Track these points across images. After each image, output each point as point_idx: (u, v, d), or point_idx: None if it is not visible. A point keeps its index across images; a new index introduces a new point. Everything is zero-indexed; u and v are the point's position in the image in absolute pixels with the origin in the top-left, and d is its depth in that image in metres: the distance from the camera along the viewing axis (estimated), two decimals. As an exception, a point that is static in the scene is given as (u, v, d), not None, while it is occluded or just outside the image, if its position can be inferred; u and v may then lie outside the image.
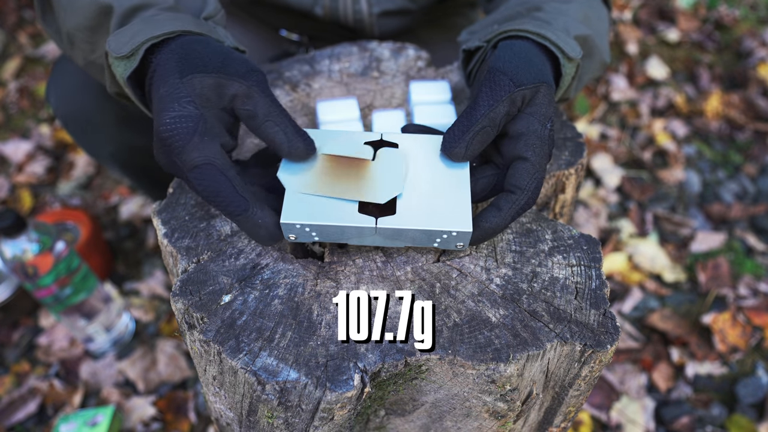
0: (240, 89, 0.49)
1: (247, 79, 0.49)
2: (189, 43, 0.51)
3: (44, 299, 1.00)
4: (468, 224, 0.47)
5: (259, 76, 0.51)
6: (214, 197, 0.47)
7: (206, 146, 0.47)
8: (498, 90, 0.49)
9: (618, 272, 1.29)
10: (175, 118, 0.47)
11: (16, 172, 1.56)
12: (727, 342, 1.14)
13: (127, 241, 1.37)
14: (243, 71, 0.50)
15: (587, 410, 1.06)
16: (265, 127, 0.49)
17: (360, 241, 0.49)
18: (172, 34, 0.52)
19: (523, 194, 0.48)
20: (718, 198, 1.46)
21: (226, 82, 0.49)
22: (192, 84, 0.48)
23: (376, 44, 0.74)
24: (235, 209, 0.47)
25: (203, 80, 0.48)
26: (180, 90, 0.48)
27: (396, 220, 0.47)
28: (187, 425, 1.04)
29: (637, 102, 1.72)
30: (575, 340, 0.45)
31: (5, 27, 2.03)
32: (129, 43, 0.51)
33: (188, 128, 0.47)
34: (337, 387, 0.42)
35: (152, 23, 0.52)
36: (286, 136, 0.49)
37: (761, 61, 1.77)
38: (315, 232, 0.48)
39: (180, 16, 0.54)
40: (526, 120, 0.50)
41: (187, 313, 0.48)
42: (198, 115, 0.47)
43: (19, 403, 1.07)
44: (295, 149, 0.49)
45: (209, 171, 0.47)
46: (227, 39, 0.56)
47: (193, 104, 0.47)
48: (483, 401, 0.47)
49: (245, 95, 0.49)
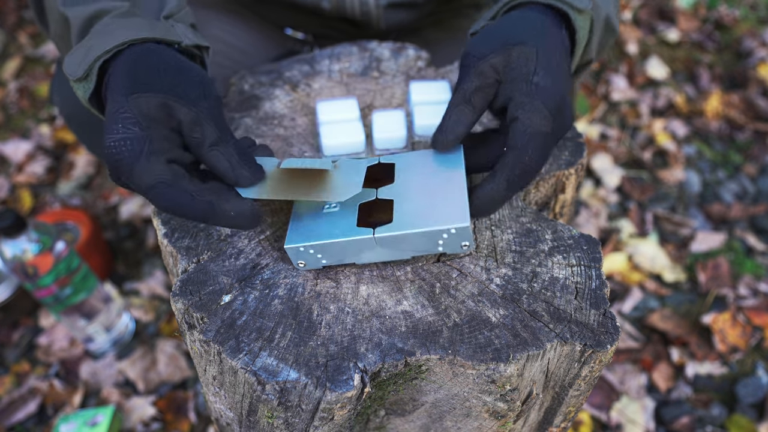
0: (188, 116, 0.48)
1: (197, 104, 0.48)
2: (140, 55, 0.49)
3: (44, 299, 1.00)
4: (466, 219, 0.46)
5: (210, 102, 0.49)
6: (178, 211, 0.46)
7: (153, 167, 0.46)
8: (464, 69, 0.51)
9: (618, 272, 1.29)
10: (119, 141, 0.45)
11: (16, 172, 1.56)
12: (727, 342, 1.14)
13: (127, 241, 1.37)
14: (194, 96, 0.48)
15: (587, 410, 1.06)
16: (210, 156, 0.48)
17: (367, 258, 0.49)
18: (123, 45, 0.50)
19: (515, 152, 0.47)
20: (718, 198, 1.46)
21: (173, 104, 0.47)
22: (137, 104, 0.46)
23: (376, 44, 0.74)
24: (203, 215, 0.46)
25: (149, 100, 0.47)
26: (125, 110, 0.46)
27: (393, 227, 0.47)
28: (187, 425, 1.04)
29: (637, 102, 1.72)
30: (575, 340, 0.45)
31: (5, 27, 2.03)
32: (82, 63, 0.50)
33: (133, 151, 0.45)
34: (337, 387, 0.42)
35: (103, 36, 0.50)
36: (230, 164, 0.48)
37: (761, 61, 1.77)
38: (320, 254, 0.48)
39: (133, 21, 0.52)
40: (509, 85, 0.49)
41: (187, 313, 0.48)
42: (142, 137, 0.46)
43: (19, 403, 1.07)
44: (240, 177, 0.48)
45: (163, 190, 0.46)
46: (186, 38, 0.54)
47: (138, 125, 0.46)
48: (483, 401, 0.47)
49: (193, 122, 0.48)
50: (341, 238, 0.47)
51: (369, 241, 0.47)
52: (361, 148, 0.61)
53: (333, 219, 0.49)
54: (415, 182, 0.51)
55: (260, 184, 0.49)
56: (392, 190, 0.51)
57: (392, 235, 0.47)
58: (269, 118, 0.65)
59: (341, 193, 0.48)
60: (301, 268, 0.50)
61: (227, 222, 0.47)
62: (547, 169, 0.58)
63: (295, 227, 0.49)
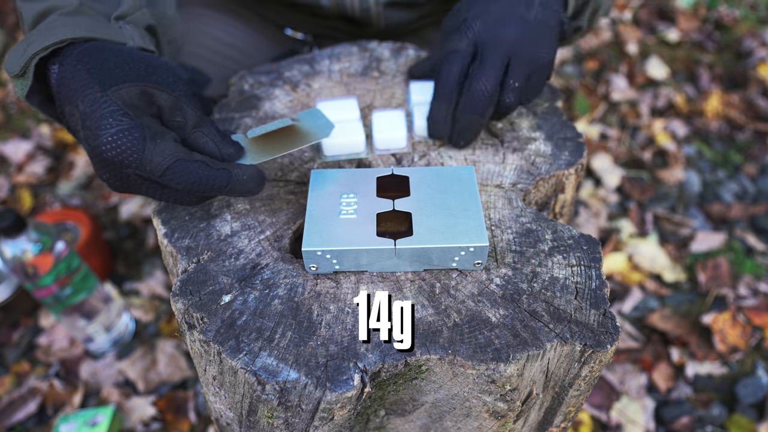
0: (168, 100, 0.48)
1: (175, 89, 0.49)
2: (97, 52, 0.49)
3: (44, 299, 1.00)
4: (484, 238, 0.48)
5: (185, 85, 0.50)
6: (198, 185, 0.47)
7: (164, 146, 0.46)
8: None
9: (618, 272, 1.29)
10: (116, 134, 0.45)
11: (16, 172, 1.56)
12: (727, 342, 1.14)
13: (127, 241, 1.37)
14: (170, 80, 0.49)
15: (587, 410, 1.06)
16: (195, 137, 0.49)
17: (380, 267, 0.50)
18: (61, 43, 0.49)
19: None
20: (718, 198, 1.46)
21: (153, 91, 0.48)
22: (119, 95, 0.46)
23: (376, 44, 0.74)
24: (222, 182, 0.48)
25: (130, 90, 0.47)
26: (107, 104, 0.46)
27: (414, 240, 0.48)
28: (187, 425, 1.04)
29: (637, 102, 1.72)
30: (575, 340, 0.45)
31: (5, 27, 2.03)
32: (20, 60, 0.49)
33: (136, 139, 0.45)
34: (337, 387, 0.42)
35: (44, 33, 0.50)
36: (215, 143, 0.50)
37: (761, 61, 1.77)
38: (335, 259, 0.49)
39: (77, 20, 0.51)
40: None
41: (187, 313, 0.48)
42: (138, 125, 0.46)
43: (19, 403, 1.07)
44: (227, 154, 0.50)
45: (181, 166, 0.46)
46: (132, 40, 0.54)
47: (127, 116, 0.46)
48: (483, 401, 0.47)
49: (173, 106, 0.48)
50: (362, 246, 0.48)
51: (389, 252, 0.48)
52: (361, 148, 0.61)
53: (351, 226, 0.50)
54: (432, 197, 0.52)
55: (244, 156, 0.52)
56: (409, 203, 0.52)
57: (413, 248, 0.48)
58: (269, 118, 0.65)
59: (320, 134, 0.53)
60: (312, 271, 0.50)
61: (241, 187, 0.49)
62: (547, 169, 0.58)
63: (312, 231, 0.50)
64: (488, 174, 0.58)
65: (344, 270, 0.50)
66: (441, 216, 0.50)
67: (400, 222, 0.55)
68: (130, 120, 0.46)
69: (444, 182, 0.54)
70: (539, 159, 0.60)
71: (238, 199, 0.56)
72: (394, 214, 0.53)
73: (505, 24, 0.58)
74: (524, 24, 0.58)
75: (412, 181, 0.54)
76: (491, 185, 0.57)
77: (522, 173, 0.58)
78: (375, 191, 0.53)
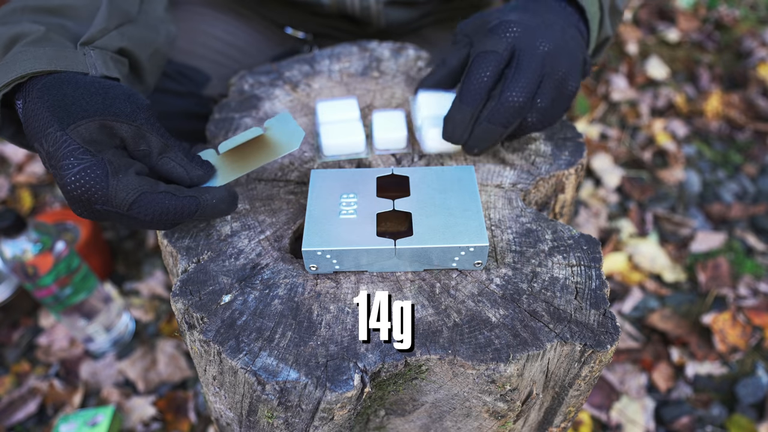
0: (129, 131, 0.48)
1: (135, 118, 0.48)
2: (56, 86, 0.49)
3: (44, 299, 1.00)
4: (484, 238, 0.48)
5: (146, 112, 0.49)
6: (165, 216, 0.47)
7: (127, 181, 0.46)
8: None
9: (618, 272, 1.29)
10: (79, 172, 0.45)
11: (16, 172, 1.56)
12: (727, 342, 1.14)
13: (127, 241, 1.37)
14: (129, 110, 0.48)
15: (587, 410, 1.06)
16: (161, 164, 0.49)
17: (380, 267, 0.50)
18: (23, 78, 0.49)
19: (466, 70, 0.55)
20: (718, 198, 1.46)
21: (112, 124, 0.47)
22: (78, 132, 0.46)
23: (377, 44, 0.74)
24: (190, 210, 0.47)
25: (89, 126, 0.46)
26: (67, 143, 0.45)
27: (414, 240, 0.48)
28: (187, 425, 1.04)
29: (637, 102, 1.72)
30: (575, 340, 0.45)
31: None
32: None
33: (98, 176, 0.45)
34: (337, 387, 0.42)
35: (7, 67, 0.50)
36: (183, 168, 0.50)
37: (761, 61, 1.77)
38: (335, 259, 0.49)
39: (40, 51, 0.51)
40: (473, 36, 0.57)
41: (187, 313, 0.48)
42: (100, 161, 0.45)
43: (19, 403, 1.07)
44: (196, 177, 0.50)
45: (146, 199, 0.46)
46: (93, 69, 0.53)
47: (88, 153, 0.46)
48: (483, 401, 0.47)
49: (135, 136, 0.48)
50: (362, 246, 0.48)
51: (389, 252, 0.48)
52: (361, 148, 0.61)
53: (351, 226, 0.50)
54: (432, 198, 0.52)
55: (214, 176, 0.52)
56: (409, 203, 0.52)
57: (413, 248, 0.48)
58: (269, 118, 0.65)
59: (290, 145, 0.52)
60: (312, 271, 0.50)
61: (211, 210, 0.49)
62: (547, 169, 0.58)
63: (312, 231, 0.50)
64: (488, 174, 0.58)
65: (344, 270, 0.50)
66: (441, 216, 0.50)
67: (400, 222, 0.55)
68: (91, 157, 0.45)
69: (444, 182, 0.54)
70: (539, 159, 0.60)
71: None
72: (394, 214, 0.53)
73: (545, 39, 0.54)
74: (561, 48, 0.55)
75: (412, 181, 0.54)
76: (491, 185, 0.57)
77: (522, 173, 0.58)
78: (375, 191, 0.53)
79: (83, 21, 0.56)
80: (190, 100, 0.80)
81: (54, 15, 0.56)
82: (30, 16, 0.55)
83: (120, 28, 0.58)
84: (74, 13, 0.57)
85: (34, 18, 0.55)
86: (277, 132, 0.54)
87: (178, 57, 0.80)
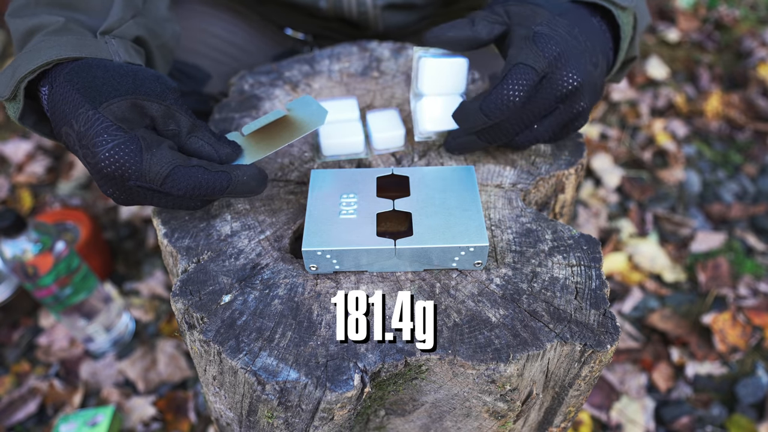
0: (159, 110, 0.49)
1: (165, 98, 0.49)
2: (85, 70, 0.49)
3: (44, 299, 1.00)
4: (484, 238, 0.48)
5: (175, 93, 0.50)
6: (198, 190, 0.47)
7: (161, 155, 0.46)
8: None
9: (618, 272, 1.29)
10: (113, 148, 0.46)
11: (16, 172, 1.56)
12: (727, 342, 1.14)
13: (127, 241, 1.37)
14: (159, 90, 0.49)
15: (587, 410, 1.06)
16: (191, 143, 0.50)
17: (380, 267, 0.50)
18: (48, 65, 0.50)
19: (495, 80, 0.52)
20: (718, 198, 1.46)
21: (143, 103, 0.48)
22: (111, 111, 0.47)
23: (376, 44, 0.74)
24: (222, 185, 0.48)
25: (120, 105, 0.47)
26: (100, 120, 0.46)
27: (414, 240, 0.48)
28: (187, 425, 1.04)
29: (637, 102, 1.72)
30: (575, 340, 0.45)
31: (5, 27, 2.03)
32: (9, 83, 0.50)
33: (132, 151, 0.46)
34: (337, 387, 0.42)
35: (31, 55, 0.50)
36: (212, 146, 0.50)
37: (761, 61, 1.77)
38: (335, 259, 0.49)
39: (63, 39, 0.52)
40: (513, 29, 0.53)
41: (187, 313, 0.48)
42: (133, 137, 0.46)
43: (19, 403, 1.07)
44: (224, 155, 0.51)
45: (180, 172, 0.47)
46: (117, 56, 0.54)
47: (121, 130, 0.46)
48: (483, 401, 0.47)
49: (165, 115, 0.49)
50: (362, 246, 0.48)
51: (389, 252, 0.48)
52: (360, 148, 0.61)
53: (351, 226, 0.50)
54: (432, 198, 0.52)
55: (242, 155, 0.53)
56: (409, 203, 0.52)
57: (413, 248, 0.48)
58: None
59: (314, 123, 0.53)
60: (312, 271, 0.50)
61: (242, 187, 0.49)
62: (547, 169, 0.58)
63: (311, 231, 0.50)
64: (488, 174, 0.58)
65: (344, 270, 0.50)
66: (441, 216, 0.50)
67: (400, 222, 0.55)
68: (124, 134, 0.46)
69: (444, 182, 0.54)
70: (539, 159, 0.60)
71: (238, 200, 0.56)
72: (394, 214, 0.53)
73: (576, 72, 0.51)
74: (587, 84, 0.52)
75: (412, 181, 0.54)
76: (491, 185, 0.57)
77: (522, 173, 0.58)
78: (375, 191, 0.53)
79: (96, 14, 0.57)
80: (190, 97, 0.80)
81: (67, 9, 0.56)
82: (44, 8, 0.56)
83: (135, 18, 0.59)
84: (86, 6, 0.57)
85: (48, 11, 0.55)
86: (299, 112, 0.54)
87: (178, 55, 0.80)
